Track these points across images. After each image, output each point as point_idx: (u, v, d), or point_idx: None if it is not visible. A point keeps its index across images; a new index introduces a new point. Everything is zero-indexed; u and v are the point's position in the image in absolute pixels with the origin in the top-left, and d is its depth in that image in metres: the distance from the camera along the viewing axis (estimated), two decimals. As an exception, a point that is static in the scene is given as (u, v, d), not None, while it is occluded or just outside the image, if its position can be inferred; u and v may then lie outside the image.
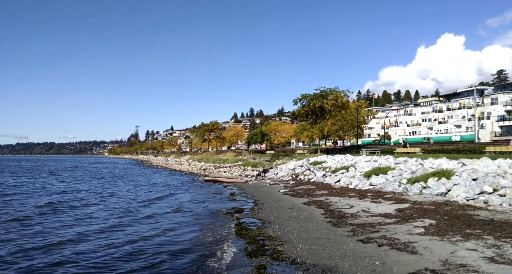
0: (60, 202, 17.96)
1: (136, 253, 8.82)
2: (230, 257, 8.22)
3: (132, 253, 8.86)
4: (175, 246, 9.47)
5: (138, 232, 11.20)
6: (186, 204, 17.53)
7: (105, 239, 10.25)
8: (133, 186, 28.03)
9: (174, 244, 9.70)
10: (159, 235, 10.77)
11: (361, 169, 21.94)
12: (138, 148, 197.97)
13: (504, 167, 14.62)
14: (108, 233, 11.00)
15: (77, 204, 17.28)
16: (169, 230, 11.44)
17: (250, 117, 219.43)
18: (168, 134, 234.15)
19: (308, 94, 46.23)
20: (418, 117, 73.03)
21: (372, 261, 6.83)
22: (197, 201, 18.51)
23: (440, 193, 13.61)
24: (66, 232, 11.13)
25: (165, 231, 11.31)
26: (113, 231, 11.32)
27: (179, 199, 19.52)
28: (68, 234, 10.81)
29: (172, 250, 9.13)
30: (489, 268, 5.87)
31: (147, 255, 8.62)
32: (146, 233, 11.04)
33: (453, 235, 8.02)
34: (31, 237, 10.37)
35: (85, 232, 10.97)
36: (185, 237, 10.54)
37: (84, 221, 13.05)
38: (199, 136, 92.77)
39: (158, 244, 9.74)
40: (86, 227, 11.82)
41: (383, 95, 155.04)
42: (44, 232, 11.05)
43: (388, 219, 10.39)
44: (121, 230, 11.54)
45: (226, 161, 49.09)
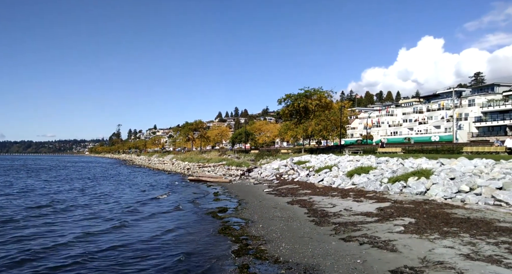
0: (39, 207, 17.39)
1: (118, 254, 8.66)
2: (212, 257, 8.18)
3: (113, 254, 8.69)
4: (157, 246, 9.35)
5: (124, 236, 10.99)
6: (169, 204, 17.33)
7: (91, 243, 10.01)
8: (115, 186, 27.52)
9: (156, 244, 9.57)
10: (139, 237, 10.61)
11: (344, 168, 22.24)
12: (120, 147, 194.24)
13: (480, 167, 15.12)
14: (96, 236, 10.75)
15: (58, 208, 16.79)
16: (151, 231, 11.28)
17: (234, 117, 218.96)
18: (151, 133, 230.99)
19: (292, 94, 46.48)
20: (399, 118, 74.63)
21: (354, 259, 6.93)
22: (180, 201, 18.32)
23: (419, 192, 13.95)
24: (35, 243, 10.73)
25: (146, 233, 11.15)
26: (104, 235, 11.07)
27: (161, 200, 19.27)
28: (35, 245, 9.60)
29: (153, 250, 9.01)
30: (465, 265, 6.05)
31: (129, 258, 8.49)
32: (126, 237, 10.85)
33: (431, 233, 8.24)
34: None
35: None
36: (166, 237, 10.41)
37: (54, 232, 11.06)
38: (183, 135, 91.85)
39: (140, 244, 9.60)
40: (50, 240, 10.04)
41: (365, 96, 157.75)
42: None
43: (370, 217, 10.57)
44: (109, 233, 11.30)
45: (210, 160, 48.83)
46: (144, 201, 18.35)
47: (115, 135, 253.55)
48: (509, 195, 11.14)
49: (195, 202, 17.47)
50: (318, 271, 6.59)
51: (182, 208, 15.73)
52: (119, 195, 21.06)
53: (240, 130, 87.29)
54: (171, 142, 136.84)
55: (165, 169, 49.66)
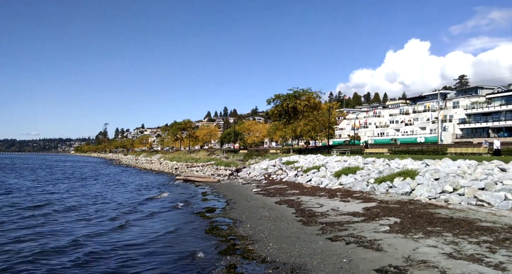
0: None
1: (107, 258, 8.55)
2: (200, 257, 8.16)
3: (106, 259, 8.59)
4: (143, 247, 9.27)
5: (110, 239, 10.86)
6: (156, 205, 17.19)
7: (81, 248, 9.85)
8: (103, 186, 27.13)
9: (142, 245, 9.49)
10: (125, 238, 10.50)
11: (331, 169, 22.44)
12: (106, 146, 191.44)
13: (464, 168, 15.48)
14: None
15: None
16: (136, 232, 11.18)
17: (223, 116, 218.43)
18: (139, 132, 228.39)
19: (281, 95, 46.66)
20: (386, 119, 75.71)
21: (340, 259, 7.01)
22: (167, 201, 18.19)
23: (405, 192, 14.19)
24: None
25: (130, 233, 11.04)
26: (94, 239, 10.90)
27: (148, 201, 19.10)
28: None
29: (141, 251, 8.93)
30: (448, 263, 6.19)
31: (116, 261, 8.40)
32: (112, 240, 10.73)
33: (415, 233, 8.40)
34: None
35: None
36: (153, 239, 10.33)
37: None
38: (171, 134, 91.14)
39: (125, 245, 9.50)
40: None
41: (353, 97, 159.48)
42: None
43: (356, 217, 10.71)
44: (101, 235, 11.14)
45: (199, 160, 48.60)
46: (132, 202, 18.15)
47: (101, 134, 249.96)
48: (491, 195, 11.43)
49: (182, 202, 17.37)
50: (305, 270, 6.64)
51: (169, 209, 15.63)
52: (109, 197, 20.77)
53: (229, 130, 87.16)
54: (159, 142, 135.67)
55: (152, 169, 49.19)
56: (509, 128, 51.81)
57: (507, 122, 52.21)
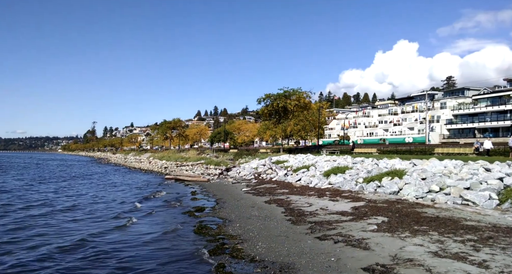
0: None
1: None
2: (188, 257, 8.12)
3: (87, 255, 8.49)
4: (132, 248, 9.19)
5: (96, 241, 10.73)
6: (145, 204, 17.04)
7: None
8: (92, 186, 26.78)
9: (130, 245, 9.40)
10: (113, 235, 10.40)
11: (321, 168, 22.60)
12: (95, 145, 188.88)
13: (450, 168, 15.76)
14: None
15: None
16: (124, 232, 11.07)
17: (214, 116, 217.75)
18: (128, 131, 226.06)
19: (272, 94, 46.72)
20: (375, 119, 76.57)
21: (328, 258, 7.07)
22: (156, 200, 18.06)
23: (393, 191, 14.38)
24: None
25: (118, 232, 10.93)
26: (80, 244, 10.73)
27: (135, 201, 18.93)
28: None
29: (129, 252, 8.85)
30: (433, 262, 6.31)
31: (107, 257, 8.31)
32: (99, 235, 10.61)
33: (402, 232, 8.52)
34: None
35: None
36: (142, 238, 10.24)
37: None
38: (160, 133, 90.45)
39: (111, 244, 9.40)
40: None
41: (343, 97, 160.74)
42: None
43: (345, 216, 10.81)
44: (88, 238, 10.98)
45: (188, 159, 48.35)
46: (122, 202, 17.96)
47: (90, 133, 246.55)
48: (476, 195, 11.67)
49: (171, 202, 17.26)
50: (293, 269, 6.68)
51: (157, 208, 15.51)
52: (99, 197, 20.51)
53: (219, 129, 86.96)
54: (149, 141, 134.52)
55: (141, 168, 48.74)
56: (494, 129, 52.94)
57: (492, 123, 53.35)
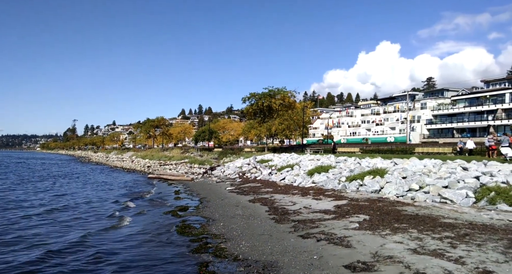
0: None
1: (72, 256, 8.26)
2: (171, 256, 8.05)
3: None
4: (112, 246, 9.04)
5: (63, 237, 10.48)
6: (126, 204, 16.78)
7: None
8: (72, 185, 26.14)
9: (111, 245, 9.24)
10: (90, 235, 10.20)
11: (305, 167, 22.78)
12: (75, 144, 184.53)
13: (429, 167, 16.18)
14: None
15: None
16: (102, 232, 10.87)
17: (198, 114, 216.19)
18: (110, 129, 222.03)
19: (256, 93, 46.78)
20: (358, 119, 77.77)
21: (311, 256, 7.14)
22: (137, 200, 17.80)
23: (374, 190, 14.65)
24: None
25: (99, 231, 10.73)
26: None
27: (117, 200, 18.62)
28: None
29: (108, 251, 8.70)
30: (412, 258, 6.46)
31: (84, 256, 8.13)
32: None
33: (383, 229, 8.69)
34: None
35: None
36: (122, 239, 10.08)
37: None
38: (143, 132, 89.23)
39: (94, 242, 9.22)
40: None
41: (327, 97, 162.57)
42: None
43: (327, 215, 10.94)
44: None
45: (172, 158, 47.86)
46: (101, 202, 17.61)
47: (70, 131, 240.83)
48: (453, 193, 12.02)
49: (153, 201, 17.06)
50: (276, 267, 6.72)
51: (139, 208, 15.29)
52: (80, 198, 20.04)
53: (204, 128, 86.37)
54: (131, 139, 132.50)
55: (124, 167, 47.96)
56: (472, 129, 54.64)
57: (470, 123, 55.05)
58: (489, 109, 53.23)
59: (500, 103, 52.25)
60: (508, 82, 59.60)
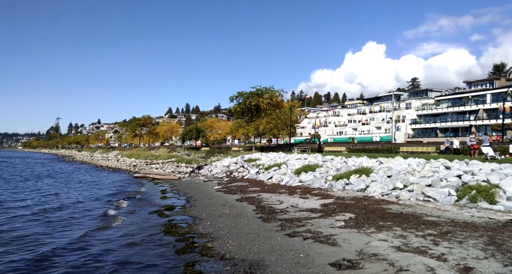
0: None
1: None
2: (157, 256, 7.99)
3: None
4: (98, 247, 8.90)
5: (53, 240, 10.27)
6: (110, 204, 16.54)
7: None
8: (56, 185, 25.59)
9: (97, 246, 9.10)
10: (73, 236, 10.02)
11: (292, 166, 22.90)
12: (59, 142, 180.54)
13: (413, 166, 16.50)
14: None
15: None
16: (88, 233, 10.70)
17: (186, 113, 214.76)
18: (95, 128, 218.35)
19: (244, 92, 46.75)
20: (345, 118, 78.67)
21: (297, 254, 7.20)
22: (123, 200, 17.57)
23: (360, 189, 14.85)
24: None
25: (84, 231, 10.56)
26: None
27: (101, 200, 18.34)
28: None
29: (92, 253, 8.56)
30: (396, 256, 6.59)
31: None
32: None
33: (368, 228, 8.83)
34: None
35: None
36: (106, 239, 9.94)
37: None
38: (129, 130, 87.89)
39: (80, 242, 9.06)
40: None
41: (314, 96, 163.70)
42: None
43: (314, 213, 11.03)
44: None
45: (159, 157, 47.36)
46: (82, 203, 17.31)
47: (53, 129, 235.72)
48: (436, 191, 12.29)
49: (139, 201, 16.87)
50: (263, 266, 6.74)
51: (124, 208, 15.10)
52: (63, 197, 19.63)
53: (191, 127, 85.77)
54: (117, 138, 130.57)
55: (109, 166, 47.22)
56: (455, 129, 55.94)
57: (453, 123, 56.35)
58: (471, 109, 54.62)
59: (482, 104, 53.67)
60: (489, 83, 61.26)
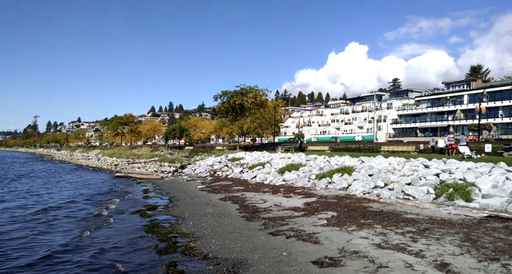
0: None
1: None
2: (138, 257, 7.88)
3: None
4: (76, 246, 8.70)
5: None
6: (85, 203, 16.20)
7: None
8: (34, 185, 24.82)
9: (75, 245, 8.90)
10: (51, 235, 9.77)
11: (276, 165, 23.02)
12: (36, 141, 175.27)
13: (394, 165, 16.87)
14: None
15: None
16: (65, 232, 10.45)
17: (169, 112, 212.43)
18: (75, 126, 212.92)
19: (228, 91, 46.68)
20: (328, 118, 79.64)
21: (280, 252, 7.25)
22: (100, 200, 17.24)
23: (342, 187, 15.07)
24: None
25: (58, 231, 10.30)
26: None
27: (73, 199, 17.93)
28: None
29: (71, 252, 8.37)
30: (376, 253, 6.73)
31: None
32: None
33: (350, 225, 8.98)
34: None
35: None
36: (87, 238, 9.73)
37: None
38: (111, 129, 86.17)
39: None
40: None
41: (298, 96, 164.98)
42: None
43: (297, 212, 11.13)
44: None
45: (141, 156, 46.67)
46: (56, 203, 16.88)
47: (30, 128, 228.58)
48: (416, 190, 12.61)
49: (120, 201, 16.57)
50: (245, 265, 6.76)
51: (102, 209, 14.80)
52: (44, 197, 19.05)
53: (175, 126, 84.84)
54: (98, 137, 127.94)
55: (89, 165, 46.18)
56: (433, 128, 57.49)
57: (432, 123, 57.90)
58: (449, 109, 56.28)
59: (459, 104, 55.38)
60: (466, 84, 63.27)
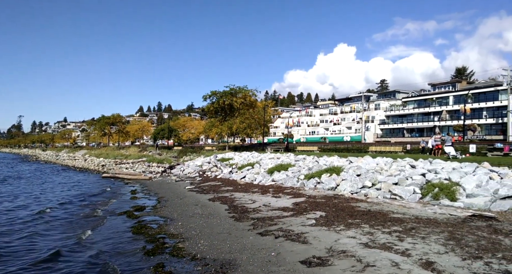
0: None
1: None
2: (125, 258, 7.78)
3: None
4: (66, 249, 8.55)
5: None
6: (73, 202, 15.94)
7: None
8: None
9: (65, 247, 8.74)
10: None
11: (265, 165, 23.05)
12: (21, 141, 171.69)
13: (381, 165, 17.09)
14: None
15: None
16: (58, 236, 10.26)
17: (157, 112, 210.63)
18: (61, 126, 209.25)
19: (218, 91, 46.49)
20: (317, 119, 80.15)
21: (268, 253, 7.26)
22: (85, 201, 16.98)
23: (331, 187, 15.19)
24: None
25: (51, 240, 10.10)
26: None
27: (57, 200, 17.63)
28: None
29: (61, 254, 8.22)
30: (363, 252, 6.80)
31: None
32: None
33: (338, 225, 9.05)
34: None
35: None
36: (68, 244, 9.57)
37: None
38: (98, 129, 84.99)
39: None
40: None
41: (288, 96, 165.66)
42: None
43: (286, 212, 11.16)
44: None
45: (129, 156, 46.16)
46: (39, 205, 16.55)
47: (15, 127, 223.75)
48: (402, 189, 12.80)
49: (107, 202, 16.35)
50: (234, 265, 6.74)
51: (88, 210, 14.58)
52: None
53: (163, 126, 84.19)
54: (84, 137, 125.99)
55: (75, 166, 45.44)
56: (420, 129, 58.42)
57: (418, 123, 58.84)
58: (435, 110, 57.32)
59: (445, 105, 56.46)
60: (451, 85, 64.54)
